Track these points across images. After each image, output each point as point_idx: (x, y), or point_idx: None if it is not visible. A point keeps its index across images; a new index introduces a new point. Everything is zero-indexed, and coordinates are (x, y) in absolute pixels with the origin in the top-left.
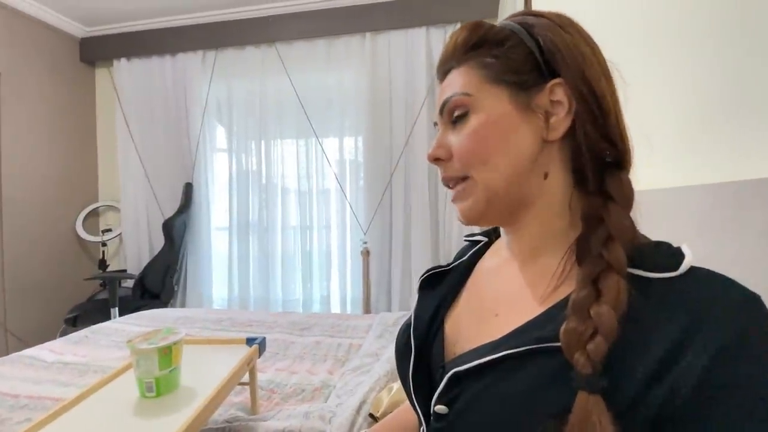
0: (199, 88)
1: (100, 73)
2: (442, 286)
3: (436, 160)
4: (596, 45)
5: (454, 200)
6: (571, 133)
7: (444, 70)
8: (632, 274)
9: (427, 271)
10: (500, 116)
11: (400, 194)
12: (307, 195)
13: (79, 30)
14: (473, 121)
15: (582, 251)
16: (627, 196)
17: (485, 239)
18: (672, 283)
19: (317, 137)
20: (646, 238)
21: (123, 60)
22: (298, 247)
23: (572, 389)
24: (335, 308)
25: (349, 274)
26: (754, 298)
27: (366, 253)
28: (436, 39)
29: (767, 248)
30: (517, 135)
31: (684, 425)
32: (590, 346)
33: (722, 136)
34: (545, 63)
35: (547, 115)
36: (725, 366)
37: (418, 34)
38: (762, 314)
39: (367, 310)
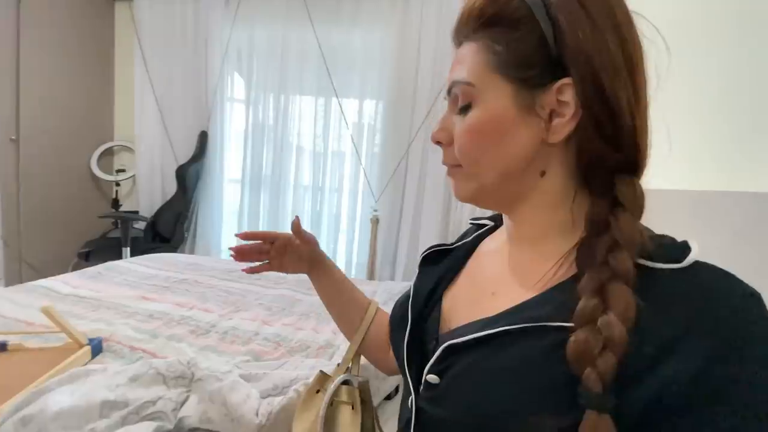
0: (220, 32)
1: (120, 7)
2: (443, 264)
3: (437, 143)
4: (629, 30)
5: (448, 174)
6: (576, 133)
7: (458, 38)
8: (636, 263)
9: (431, 247)
10: (500, 116)
11: (416, 166)
12: (322, 155)
13: None
14: (473, 116)
15: (585, 257)
16: (639, 204)
17: (491, 224)
18: (675, 275)
19: (337, 96)
20: (650, 231)
21: None
22: (309, 207)
23: (561, 367)
24: None
25: (357, 239)
26: (754, 296)
27: (375, 221)
28: None
29: None
30: (514, 137)
31: (677, 417)
32: (600, 362)
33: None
34: (557, 56)
35: (552, 116)
36: (722, 363)
37: None
38: (762, 312)
39: (371, 276)
